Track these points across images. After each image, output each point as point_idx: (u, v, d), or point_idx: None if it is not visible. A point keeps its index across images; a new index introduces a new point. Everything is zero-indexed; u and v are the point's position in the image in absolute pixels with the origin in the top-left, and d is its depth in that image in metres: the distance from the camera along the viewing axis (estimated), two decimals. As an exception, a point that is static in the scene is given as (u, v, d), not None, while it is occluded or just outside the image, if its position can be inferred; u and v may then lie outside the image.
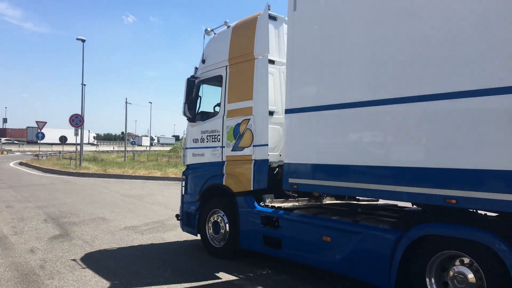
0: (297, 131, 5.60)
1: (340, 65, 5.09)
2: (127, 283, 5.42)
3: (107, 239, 7.93)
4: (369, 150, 4.72)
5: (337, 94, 5.06)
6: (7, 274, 5.59)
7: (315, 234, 5.24)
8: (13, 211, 10.72)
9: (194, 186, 7.38)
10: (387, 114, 4.51)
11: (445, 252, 4.13)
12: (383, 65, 4.59)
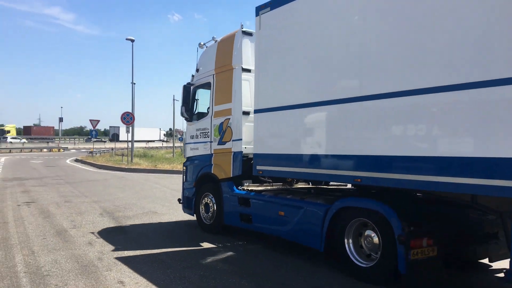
0: (262, 127, 6.98)
1: (291, 74, 6.47)
2: (181, 275, 5.55)
3: (160, 232, 8.17)
4: (312, 142, 6.14)
5: (291, 98, 6.40)
6: (68, 266, 5.87)
7: (274, 210, 6.64)
8: (71, 206, 11.25)
9: (191, 175, 8.86)
10: (324, 113, 5.86)
11: (357, 219, 5.44)
12: (322, 76, 5.95)
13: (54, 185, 16.11)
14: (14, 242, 7.13)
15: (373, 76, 5.17)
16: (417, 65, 4.69)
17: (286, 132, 6.63)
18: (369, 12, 5.29)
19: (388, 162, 4.94)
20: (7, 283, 5.09)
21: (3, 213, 9.86)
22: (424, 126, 4.62)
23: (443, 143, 4.48)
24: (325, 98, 5.79)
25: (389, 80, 4.97)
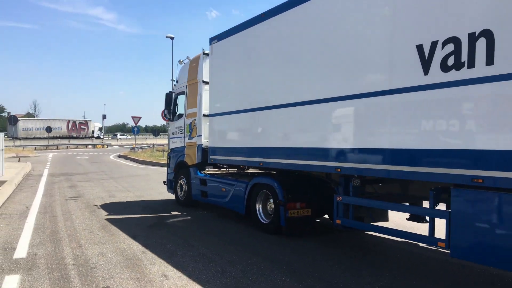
0: (212, 127, 9.36)
1: (229, 89, 8.98)
2: (223, 270, 5.60)
3: (202, 228, 8.27)
4: (241, 140, 8.58)
5: (230, 106, 8.74)
6: (113, 259, 6.04)
7: (219, 187, 9.13)
8: (115, 200, 11.59)
9: (172, 163, 11.41)
10: (248, 118, 8.14)
11: (263, 191, 7.83)
12: (246, 91, 8.32)
13: (99, 180, 16.66)
14: (63, 235, 7.41)
15: (271, 95, 7.60)
16: (298, 91, 6.95)
17: (227, 131, 9.15)
18: (269, 55, 7.69)
19: (277, 151, 7.42)
20: (57, 275, 5.28)
21: (52, 207, 10.28)
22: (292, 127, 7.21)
23: (306, 137, 6.87)
24: (248, 107, 8.14)
25: (285, 97, 7.22)
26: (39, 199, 11.44)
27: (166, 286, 4.95)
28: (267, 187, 7.67)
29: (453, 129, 4.66)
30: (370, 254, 6.58)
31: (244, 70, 8.48)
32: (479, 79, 4.38)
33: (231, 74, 8.94)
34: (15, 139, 52.74)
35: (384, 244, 7.26)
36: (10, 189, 12.55)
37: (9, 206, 10.34)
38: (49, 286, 4.90)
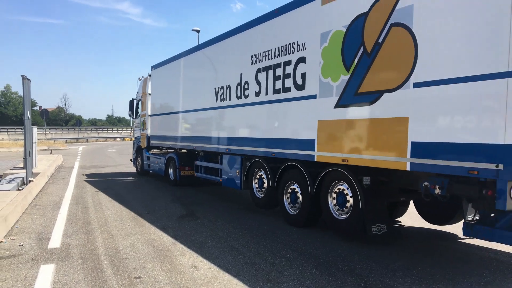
0: (152, 122, 14.75)
1: (159, 99, 14.38)
2: (251, 262, 5.60)
3: (229, 219, 8.30)
4: (168, 130, 13.37)
5: (163, 109, 13.81)
6: (144, 249, 6.13)
7: (154, 161, 14.64)
8: (144, 192, 11.76)
9: (134, 146, 17.39)
10: (172, 118, 13.02)
11: (172, 161, 13.29)
12: (168, 101, 13.61)
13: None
14: (95, 226, 7.56)
15: (187, 102, 12.21)
16: (194, 103, 11.71)
17: (159, 125, 14.36)
18: (180, 80, 12.61)
19: (183, 138, 12.37)
20: (90, 265, 5.40)
21: (83, 198, 10.51)
22: (204, 126, 11.27)
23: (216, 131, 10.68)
24: (170, 111, 13.28)
25: (189, 105, 12.02)
26: (71, 191, 11.72)
27: (196, 277, 4.99)
28: (173, 159, 13.12)
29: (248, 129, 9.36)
30: (399, 247, 6.46)
31: (167, 88, 13.82)
32: (232, 105, 9.68)
33: (161, 90, 14.38)
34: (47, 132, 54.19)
35: (416, 237, 7.12)
36: (43, 181, 12.90)
37: (43, 197, 10.62)
38: (83, 275, 5.00)
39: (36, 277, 4.95)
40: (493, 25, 4.60)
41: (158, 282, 4.81)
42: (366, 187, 6.40)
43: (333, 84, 6.71)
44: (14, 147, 33.99)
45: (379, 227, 6.35)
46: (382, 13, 5.87)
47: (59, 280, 4.84)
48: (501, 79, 4.51)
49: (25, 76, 11.05)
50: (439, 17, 5.18)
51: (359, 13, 6.23)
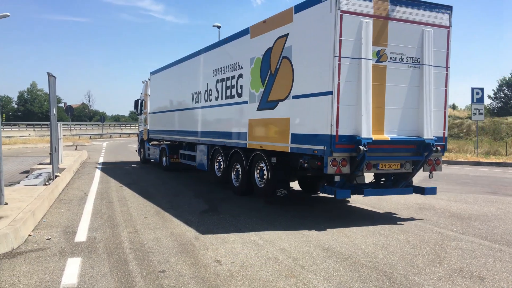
0: (151, 119, 18.01)
1: (157, 99, 17.59)
2: (274, 257, 5.60)
3: (252, 215, 8.31)
4: (164, 125, 16.20)
5: (159, 108, 17.03)
6: (168, 244, 6.20)
7: (153, 151, 17.78)
8: (167, 187, 11.90)
9: (139, 139, 20.67)
10: (167, 115, 15.96)
11: (163, 151, 16.39)
12: (164, 101, 16.53)
13: (151, 168, 17.16)
14: (119, 220, 7.68)
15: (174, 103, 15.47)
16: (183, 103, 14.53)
17: (156, 122, 17.21)
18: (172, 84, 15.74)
19: (173, 132, 15.24)
20: (116, 259, 5.49)
21: (108, 193, 10.70)
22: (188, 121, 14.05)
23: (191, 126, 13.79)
24: (164, 110, 16.29)
25: (179, 104, 14.85)
26: (96, 186, 11.94)
27: (220, 272, 5.02)
28: (165, 149, 16.05)
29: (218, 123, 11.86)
30: (423, 243, 6.36)
31: (161, 91, 16.95)
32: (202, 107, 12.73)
33: (157, 92, 17.50)
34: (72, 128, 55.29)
35: (442, 236, 7.00)
36: (69, 176, 13.18)
37: (69, 192, 10.85)
38: (109, 269, 5.09)
39: (64, 270, 5.06)
40: (324, 66, 7.46)
41: (182, 276, 4.86)
42: (274, 164, 9.08)
43: (256, 94, 9.58)
44: (40, 143, 34.83)
45: (282, 191, 9.06)
46: (279, 48, 8.74)
47: (86, 273, 4.94)
48: (327, 95, 7.37)
49: (51, 73, 11.27)
50: (303, 56, 8.12)
51: (268, 47, 9.13)
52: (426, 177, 8.92)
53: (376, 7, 7.52)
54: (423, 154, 7.99)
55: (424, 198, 10.44)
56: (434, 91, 8.07)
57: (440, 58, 8.16)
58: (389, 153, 7.85)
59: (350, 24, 7.29)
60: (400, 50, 7.80)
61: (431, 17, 8.04)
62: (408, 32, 7.83)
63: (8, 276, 4.82)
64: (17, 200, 8.10)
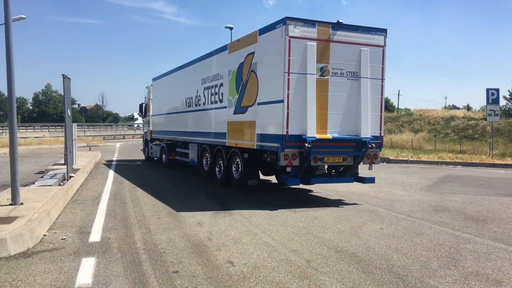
0: (153, 121, 20.01)
1: (158, 103, 19.48)
2: (286, 258, 5.59)
3: (263, 215, 8.31)
4: (165, 126, 17.91)
5: (159, 111, 19.06)
6: (181, 244, 6.22)
7: (155, 149, 19.52)
8: (179, 188, 11.96)
9: (143, 139, 22.41)
10: (167, 117, 17.84)
11: (163, 149, 18.24)
12: (165, 105, 18.44)
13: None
14: (133, 221, 7.74)
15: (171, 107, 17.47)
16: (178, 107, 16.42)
17: (157, 123, 19.29)
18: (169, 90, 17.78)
19: (170, 132, 17.06)
20: (129, 259, 5.52)
21: (121, 194, 10.79)
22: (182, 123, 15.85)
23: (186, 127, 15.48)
24: (163, 112, 18.39)
25: (175, 108, 16.78)
26: (109, 186, 12.04)
27: (232, 273, 5.02)
28: (164, 147, 17.82)
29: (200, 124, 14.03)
30: (437, 245, 6.29)
31: (161, 96, 19.03)
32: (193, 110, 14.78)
33: (158, 97, 19.51)
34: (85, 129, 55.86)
35: (457, 238, 6.92)
36: (83, 177, 13.31)
37: (83, 192, 10.96)
38: (122, 269, 5.13)
39: (78, 269, 5.11)
40: (278, 79, 9.26)
41: (195, 277, 4.87)
42: (246, 159, 10.76)
43: (233, 101, 11.43)
44: (55, 143, 35.26)
45: (253, 181, 10.83)
46: (248, 63, 10.59)
47: (100, 273, 4.98)
48: (280, 103, 9.20)
49: (65, 75, 11.40)
50: (264, 70, 9.95)
51: (241, 62, 10.94)
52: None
53: (319, 32, 9.27)
54: (361, 150, 9.69)
55: (438, 200, 10.33)
56: (371, 98, 9.78)
57: (376, 72, 9.87)
58: (332, 149, 9.60)
59: (297, 47, 9.07)
60: (341, 66, 9.53)
61: (368, 39, 9.75)
62: (348, 51, 9.56)
63: (24, 276, 4.88)
64: (32, 200, 8.21)
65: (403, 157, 22.65)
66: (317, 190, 11.73)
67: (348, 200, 10.20)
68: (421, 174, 16.52)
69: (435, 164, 21.16)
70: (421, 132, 40.04)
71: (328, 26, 9.41)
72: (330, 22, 9.54)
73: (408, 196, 11.01)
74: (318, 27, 9.29)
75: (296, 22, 9.10)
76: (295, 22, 9.09)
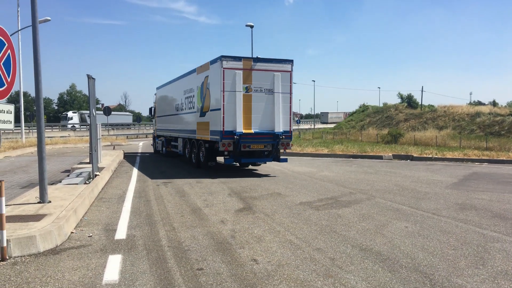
0: (157, 121, 25.47)
1: (161, 107, 24.75)
2: (310, 257, 5.57)
3: (285, 213, 8.30)
4: (167, 124, 22.79)
5: (161, 113, 24.46)
6: (205, 241, 6.27)
7: (159, 143, 24.21)
8: (202, 186, 12.03)
9: (153, 136, 27.61)
10: (167, 118, 22.74)
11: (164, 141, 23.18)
12: (166, 108, 23.29)
13: (183, 167, 17.40)
14: (157, 218, 7.83)
15: (167, 110, 22.64)
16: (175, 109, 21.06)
17: (160, 123, 24.51)
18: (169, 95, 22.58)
19: (169, 131, 21.78)
20: (155, 256, 5.59)
21: (145, 192, 10.93)
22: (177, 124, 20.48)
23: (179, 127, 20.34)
24: (163, 114, 23.78)
25: (169, 111, 22.09)
26: (133, 184, 12.22)
27: (257, 271, 5.03)
28: (163, 142, 22.56)
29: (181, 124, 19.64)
30: (464, 244, 6.17)
31: (162, 102, 24.18)
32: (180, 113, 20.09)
33: (160, 102, 24.66)
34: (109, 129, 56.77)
35: (485, 237, 6.76)
36: (108, 175, 13.54)
37: (108, 190, 11.15)
38: (148, 266, 5.19)
39: (105, 266, 5.20)
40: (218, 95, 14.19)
41: (220, 274, 4.90)
42: (206, 148, 15.43)
43: (199, 107, 16.25)
44: (79, 143, 35.91)
45: (211, 163, 15.63)
46: (206, 83, 15.33)
47: (127, 270, 5.06)
48: (219, 110, 14.20)
49: (90, 75, 11.60)
50: (212, 88, 14.72)
51: (202, 81, 15.86)
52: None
53: (244, 64, 14.13)
54: (276, 140, 14.49)
55: (464, 198, 10.13)
56: (282, 106, 14.60)
57: (286, 88, 14.64)
58: (255, 140, 14.34)
59: (228, 74, 13.98)
60: (260, 86, 14.40)
61: (279, 67, 14.56)
62: (265, 76, 14.42)
63: (53, 272, 4.99)
64: (59, 198, 8.39)
65: (427, 155, 22.29)
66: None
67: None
68: (446, 171, 16.22)
69: (460, 161, 20.74)
70: (445, 129, 39.32)
71: (250, 60, 14.35)
72: (252, 57, 14.94)
73: (433, 194, 10.82)
74: (243, 61, 14.14)
75: (228, 59, 13.95)
76: (227, 59, 13.94)
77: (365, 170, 16.29)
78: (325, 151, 24.45)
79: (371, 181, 13.16)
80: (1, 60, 6.03)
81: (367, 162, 20.12)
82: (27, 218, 6.64)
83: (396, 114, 53.73)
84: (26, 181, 12.33)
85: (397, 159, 21.99)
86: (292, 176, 14.23)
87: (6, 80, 6.14)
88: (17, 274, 4.92)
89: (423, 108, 56.27)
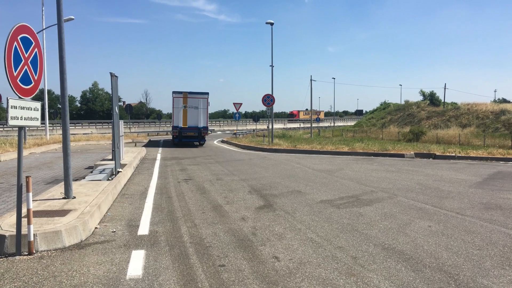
0: (172, 119, 33.74)
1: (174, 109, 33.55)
2: (332, 255, 5.54)
3: (306, 211, 8.28)
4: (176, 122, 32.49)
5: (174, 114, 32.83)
6: (226, 238, 6.30)
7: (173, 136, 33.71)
8: (222, 183, 12.09)
9: (172, 131, 34.34)
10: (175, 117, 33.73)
11: None
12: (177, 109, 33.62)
13: (206, 164, 17.52)
14: (179, 215, 7.91)
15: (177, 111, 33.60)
16: None
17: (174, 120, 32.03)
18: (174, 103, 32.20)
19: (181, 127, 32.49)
20: (177, 252, 5.66)
21: (167, 188, 11.04)
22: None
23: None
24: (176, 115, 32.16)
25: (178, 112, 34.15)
26: (155, 181, 12.35)
27: (278, 268, 5.04)
28: (175, 134, 31.78)
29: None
30: (490, 244, 6.05)
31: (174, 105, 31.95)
32: None
33: (174, 105, 31.38)
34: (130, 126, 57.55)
35: (511, 237, 6.62)
36: (130, 172, 13.72)
37: (130, 187, 11.31)
38: (171, 262, 5.26)
39: (129, 261, 5.28)
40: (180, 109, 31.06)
41: (242, 271, 4.93)
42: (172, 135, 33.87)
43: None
44: (102, 140, 36.52)
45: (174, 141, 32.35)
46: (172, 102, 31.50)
47: (150, 265, 5.13)
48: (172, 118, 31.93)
49: (113, 73, 11.77)
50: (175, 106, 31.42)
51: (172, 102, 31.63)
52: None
53: (183, 95, 30.43)
54: (200, 131, 30.41)
55: (489, 197, 9.92)
56: (202, 115, 30.51)
57: (204, 106, 30.56)
58: (189, 130, 30.49)
59: (175, 99, 30.56)
60: (192, 104, 30.39)
61: (202, 96, 30.68)
62: (195, 100, 30.48)
63: (79, 266, 5.10)
64: (83, 194, 8.55)
65: (450, 153, 21.90)
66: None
67: (396, 198, 9.98)
68: (470, 170, 15.91)
69: (484, 160, 20.32)
70: (469, 127, 38.58)
71: (187, 93, 30.30)
72: (187, 91, 30.50)
73: (457, 193, 10.64)
74: (183, 94, 30.32)
75: (176, 94, 30.35)
76: (176, 94, 30.35)
77: (386, 169, 16.11)
78: (346, 149, 24.25)
79: (392, 179, 13.01)
80: (29, 59, 6.16)
81: (388, 161, 19.89)
82: (53, 213, 6.79)
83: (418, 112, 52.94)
84: (51, 177, 12.60)
85: (419, 157, 21.68)
86: (312, 174, 14.17)
87: (33, 78, 6.28)
88: (44, 268, 5.04)
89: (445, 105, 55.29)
